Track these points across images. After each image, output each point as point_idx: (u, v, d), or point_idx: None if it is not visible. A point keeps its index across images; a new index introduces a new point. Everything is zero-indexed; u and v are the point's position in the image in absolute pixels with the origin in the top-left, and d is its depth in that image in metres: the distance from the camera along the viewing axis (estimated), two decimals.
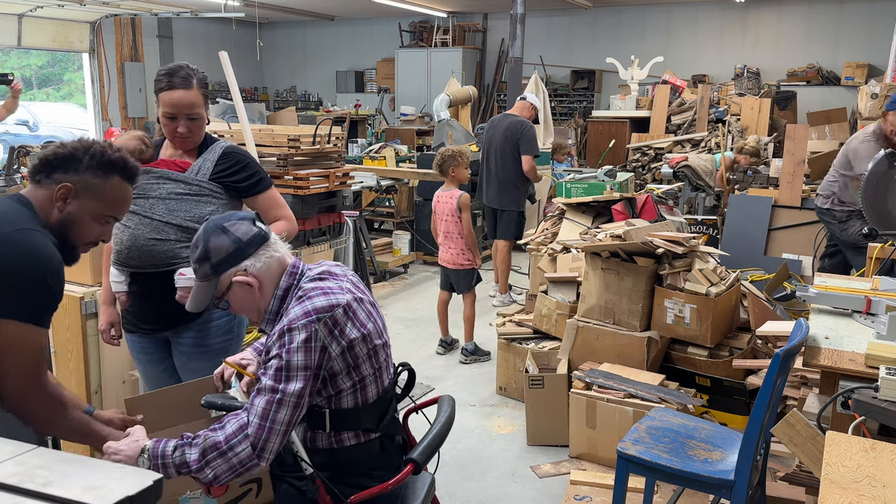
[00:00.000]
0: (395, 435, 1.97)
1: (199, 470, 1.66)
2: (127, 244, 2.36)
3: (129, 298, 2.46)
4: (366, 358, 1.81)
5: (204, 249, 1.80)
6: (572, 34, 12.91)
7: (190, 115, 2.38)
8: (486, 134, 5.99)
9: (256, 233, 1.84)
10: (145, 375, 2.61)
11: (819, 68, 10.90)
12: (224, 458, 1.66)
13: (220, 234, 1.81)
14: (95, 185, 1.76)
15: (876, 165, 3.23)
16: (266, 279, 1.82)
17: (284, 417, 1.68)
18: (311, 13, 14.21)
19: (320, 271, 1.87)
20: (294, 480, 1.89)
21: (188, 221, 2.36)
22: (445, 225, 4.71)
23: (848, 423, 1.96)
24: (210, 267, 1.80)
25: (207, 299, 1.85)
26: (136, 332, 2.52)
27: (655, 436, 2.49)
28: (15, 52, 12.07)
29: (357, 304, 1.81)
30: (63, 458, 1.20)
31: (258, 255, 1.82)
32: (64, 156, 1.76)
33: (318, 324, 1.71)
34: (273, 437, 1.67)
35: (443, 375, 4.50)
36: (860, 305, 2.58)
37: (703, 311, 3.41)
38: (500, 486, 3.24)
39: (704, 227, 6.09)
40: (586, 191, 5.52)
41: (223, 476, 1.67)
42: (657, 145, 8.98)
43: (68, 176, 1.74)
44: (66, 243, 1.77)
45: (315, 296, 1.76)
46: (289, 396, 1.68)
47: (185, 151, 2.48)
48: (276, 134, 4.83)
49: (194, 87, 2.37)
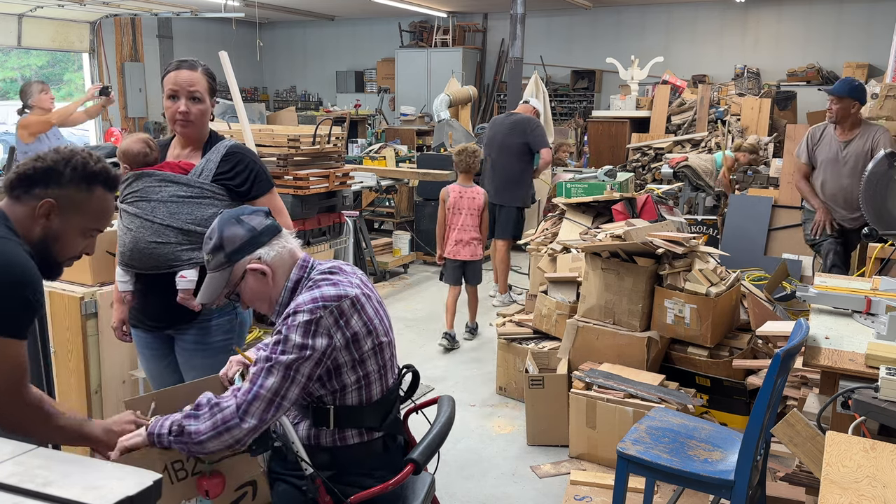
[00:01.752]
0: (397, 435, 1.97)
1: (187, 418, 1.69)
2: (129, 246, 2.39)
3: (134, 297, 2.48)
4: (371, 354, 1.82)
5: (218, 239, 1.83)
6: (572, 34, 12.91)
7: (191, 92, 2.37)
8: (488, 131, 6.00)
9: (270, 224, 1.88)
10: (148, 371, 2.64)
11: (819, 68, 10.90)
12: (210, 412, 1.69)
13: (234, 225, 1.83)
14: (79, 199, 1.69)
15: (876, 165, 3.22)
16: (279, 269, 1.85)
17: (273, 385, 1.69)
18: (311, 13, 14.21)
19: (330, 266, 1.90)
20: (294, 480, 1.89)
21: (189, 224, 2.37)
22: (466, 219, 4.92)
23: (848, 423, 1.96)
24: (224, 256, 1.82)
25: (219, 290, 1.87)
26: (140, 328, 2.54)
27: (655, 436, 2.49)
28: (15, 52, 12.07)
29: (365, 299, 1.83)
30: (63, 458, 1.20)
31: (272, 244, 1.85)
32: (44, 169, 1.66)
33: (323, 311, 1.73)
34: (257, 402, 1.69)
35: (443, 375, 4.50)
36: (860, 305, 2.58)
37: (703, 311, 3.41)
38: (500, 486, 3.24)
39: (704, 227, 6.09)
40: (586, 191, 5.53)
41: (204, 431, 1.67)
42: (657, 145, 8.98)
43: (50, 191, 1.65)
44: (48, 259, 1.70)
45: (324, 285, 1.79)
46: (279, 364, 1.70)
47: (190, 150, 2.48)
48: (276, 134, 4.84)
49: (199, 71, 2.41)
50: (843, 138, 4.45)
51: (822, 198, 4.57)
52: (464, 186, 4.97)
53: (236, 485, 1.82)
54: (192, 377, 2.40)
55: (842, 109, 4.39)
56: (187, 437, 1.68)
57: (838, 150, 4.45)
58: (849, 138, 4.43)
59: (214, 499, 1.79)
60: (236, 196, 2.47)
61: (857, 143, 4.39)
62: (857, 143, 4.40)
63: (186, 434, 1.68)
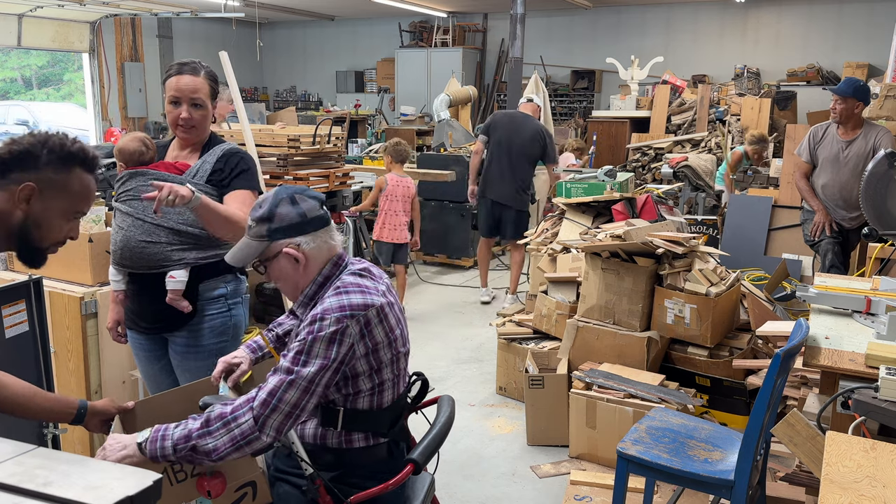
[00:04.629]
0: (401, 442, 1.98)
1: (201, 437, 1.64)
2: (120, 245, 2.38)
3: (127, 297, 2.48)
4: (389, 363, 1.83)
5: (269, 211, 1.81)
6: (572, 34, 12.91)
7: (193, 99, 2.37)
8: (501, 129, 5.76)
9: (321, 214, 1.85)
10: (143, 372, 2.63)
11: (819, 68, 10.89)
12: (227, 429, 1.65)
13: (287, 204, 1.81)
14: (59, 180, 1.64)
15: (876, 165, 3.22)
16: (313, 261, 1.84)
17: (292, 398, 1.68)
18: (311, 13, 14.21)
19: (362, 267, 1.89)
20: (295, 480, 1.89)
21: (180, 224, 2.36)
22: (399, 206, 5.48)
23: (848, 423, 1.96)
24: (267, 230, 1.81)
25: (250, 258, 1.86)
26: (134, 330, 2.54)
27: (655, 436, 2.49)
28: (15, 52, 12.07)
29: (389, 308, 1.83)
30: (63, 458, 1.20)
31: (316, 235, 1.83)
32: (19, 153, 1.61)
33: (350, 320, 1.73)
34: (276, 415, 1.67)
35: (443, 375, 4.50)
36: (860, 305, 2.58)
37: (703, 311, 3.41)
38: (500, 486, 3.24)
39: (704, 227, 6.09)
40: (586, 191, 5.52)
41: (223, 447, 1.65)
42: (657, 145, 8.98)
43: (28, 174, 1.60)
44: (29, 245, 1.65)
45: (353, 291, 1.78)
46: (301, 379, 1.69)
47: (189, 151, 2.48)
48: (276, 134, 4.84)
49: (202, 76, 2.40)
50: (845, 138, 4.46)
51: (822, 197, 4.57)
52: (399, 176, 5.51)
53: (236, 485, 1.82)
54: (187, 379, 2.40)
55: (846, 109, 4.39)
56: (202, 456, 1.66)
57: (840, 149, 4.46)
58: (851, 138, 4.44)
59: (216, 499, 1.78)
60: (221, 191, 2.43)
61: (859, 144, 4.40)
62: (859, 143, 4.40)
63: (202, 452, 1.65)
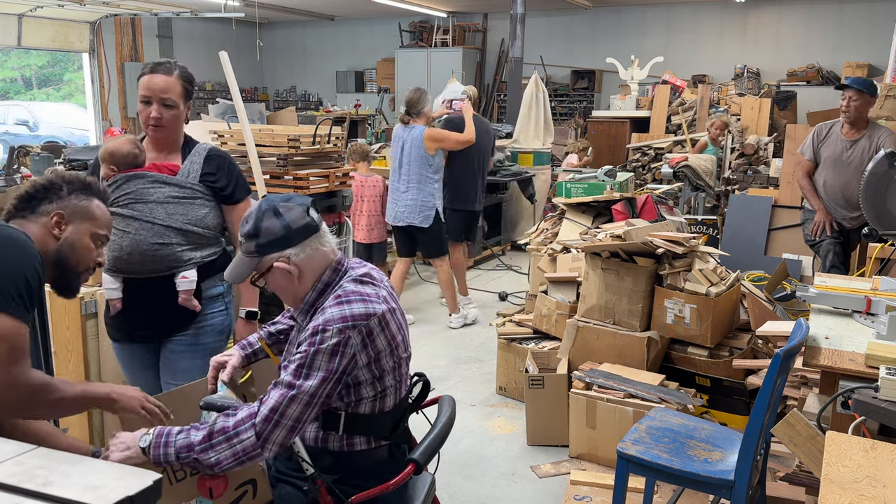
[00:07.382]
0: (402, 444, 1.97)
1: (203, 451, 1.65)
2: (128, 250, 2.33)
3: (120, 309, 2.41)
4: (391, 370, 1.83)
5: (254, 227, 1.81)
6: (572, 34, 12.91)
7: (164, 99, 2.34)
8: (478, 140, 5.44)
9: (308, 222, 1.83)
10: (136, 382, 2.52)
11: (819, 68, 10.90)
12: (229, 444, 1.66)
13: (272, 216, 1.81)
14: (83, 207, 1.81)
15: (876, 165, 3.22)
16: (307, 270, 1.83)
17: (294, 413, 1.69)
18: (311, 13, 14.22)
19: (363, 273, 1.87)
20: (296, 481, 1.89)
21: (187, 224, 2.36)
22: (371, 205, 5.48)
23: (848, 423, 1.96)
24: (255, 246, 1.81)
25: (246, 274, 1.87)
26: (123, 341, 2.50)
27: (655, 436, 2.49)
28: (15, 52, 12.07)
29: (390, 315, 1.82)
30: (63, 458, 1.20)
31: (304, 244, 1.82)
32: (43, 186, 1.79)
33: (352, 331, 1.72)
34: (278, 431, 1.68)
35: (443, 375, 4.50)
36: (860, 305, 2.58)
37: (703, 311, 3.41)
38: (500, 486, 3.24)
39: (704, 227, 6.09)
40: (586, 191, 5.52)
41: (225, 462, 1.66)
42: (657, 145, 8.98)
43: (54, 204, 1.77)
44: (66, 273, 1.77)
45: (354, 301, 1.77)
46: (303, 394, 1.69)
47: (167, 152, 2.45)
48: (276, 134, 4.83)
49: (174, 76, 2.37)
50: (850, 137, 4.45)
51: (824, 196, 4.57)
52: (364, 175, 5.49)
53: (236, 483, 1.82)
54: (175, 380, 2.37)
55: (862, 105, 4.36)
56: (205, 468, 1.67)
57: (844, 148, 4.46)
58: (856, 138, 4.43)
59: (217, 498, 1.79)
60: (220, 199, 2.47)
61: (864, 144, 4.40)
62: (864, 143, 4.40)
63: (205, 465, 1.66)
